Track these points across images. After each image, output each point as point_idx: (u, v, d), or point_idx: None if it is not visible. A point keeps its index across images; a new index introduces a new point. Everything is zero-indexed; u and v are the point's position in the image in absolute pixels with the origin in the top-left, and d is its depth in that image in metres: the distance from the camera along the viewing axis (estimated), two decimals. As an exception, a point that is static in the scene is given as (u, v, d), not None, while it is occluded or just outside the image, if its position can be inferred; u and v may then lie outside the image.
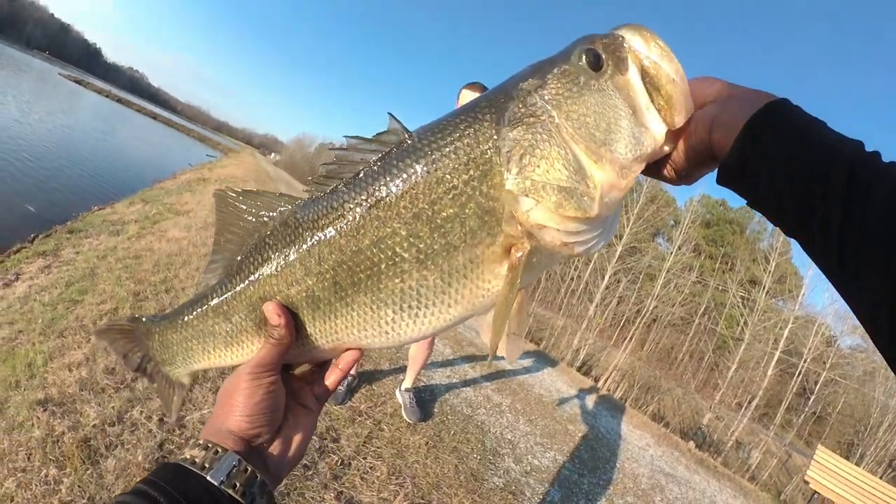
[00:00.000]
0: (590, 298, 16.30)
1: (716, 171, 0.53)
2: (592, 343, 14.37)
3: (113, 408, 2.43)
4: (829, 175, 0.42)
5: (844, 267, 0.42)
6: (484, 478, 3.33)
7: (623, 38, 0.53)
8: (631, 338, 14.70)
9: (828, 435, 18.83)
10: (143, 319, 0.74)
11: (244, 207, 0.66)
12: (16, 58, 64.28)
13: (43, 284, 3.88)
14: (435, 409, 3.95)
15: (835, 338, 16.33)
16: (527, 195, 0.51)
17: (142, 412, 2.45)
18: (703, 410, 14.91)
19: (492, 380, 5.56)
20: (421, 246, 0.55)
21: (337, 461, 2.70)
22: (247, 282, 0.64)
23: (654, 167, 0.57)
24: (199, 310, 0.68)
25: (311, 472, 2.53)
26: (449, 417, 3.96)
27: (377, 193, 0.56)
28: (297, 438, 0.64)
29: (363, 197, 0.57)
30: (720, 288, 21.80)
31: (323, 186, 0.61)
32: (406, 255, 0.55)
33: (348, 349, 0.65)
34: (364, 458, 2.87)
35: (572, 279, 19.44)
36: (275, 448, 0.61)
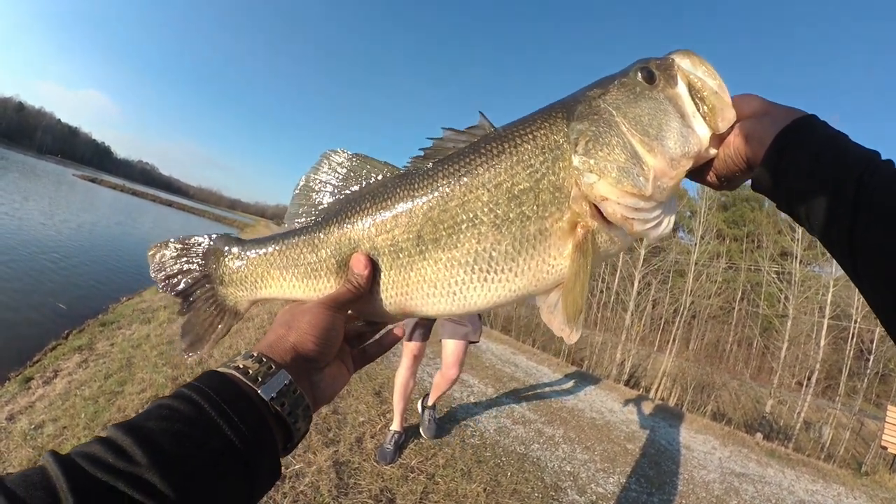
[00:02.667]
0: (623, 308, 15.91)
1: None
2: (635, 353, 13.94)
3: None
4: (842, 185, 0.48)
5: (856, 271, 0.48)
6: (550, 514, 3.15)
7: (673, 59, 0.64)
8: (674, 339, 14.20)
9: None
10: (225, 238, 0.77)
11: (351, 165, 0.74)
12: (30, 164, 68.23)
13: (82, 379, 3.94)
14: (487, 454, 3.80)
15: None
16: (591, 171, 0.61)
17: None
18: (763, 398, 14.17)
19: (540, 412, 5.38)
20: (499, 212, 0.63)
21: (396, 520, 2.60)
22: (342, 223, 0.71)
23: (699, 172, 0.65)
24: (289, 239, 0.74)
25: (372, 536, 2.42)
26: (503, 459, 3.80)
27: (467, 165, 0.65)
28: (335, 381, 0.65)
29: (454, 168, 0.66)
30: (752, 268, 21.12)
31: (420, 162, 0.71)
32: (485, 219, 0.64)
33: (409, 314, 0.71)
34: (423, 514, 2.75)
35: (602, 291, 19.06)
36: (321, 379, 0.62)
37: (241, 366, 0.52)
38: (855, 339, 14.29)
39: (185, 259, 0.77)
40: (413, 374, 3.43)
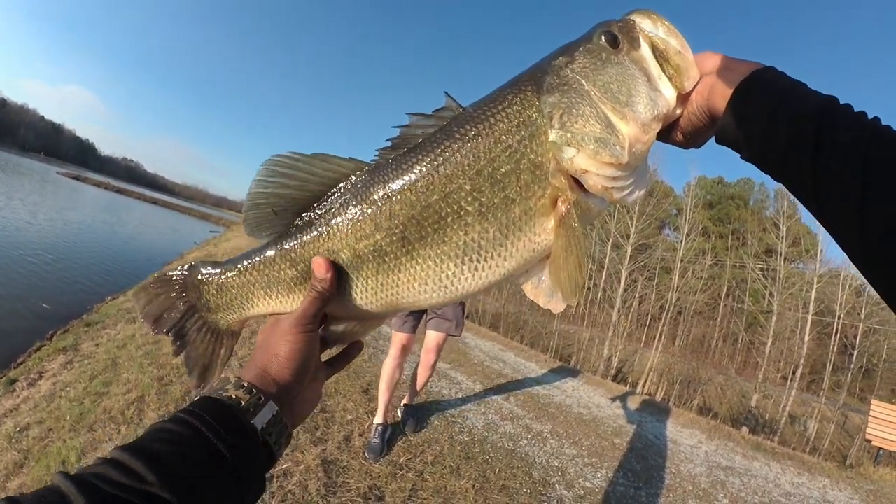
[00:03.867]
0: (610, 304, 16.08)
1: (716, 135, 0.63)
2: (622, 348, 14.07)
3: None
4: (802, 126, 0.50)
5: (819, 203, 0.50)
6: (538, 509, 3.19)
7: (634, 21, 0.63)
8: (660, 335, 14.40)
9: (879, 386, 18.08)
10: (199, 265, 0.76)
11: (307, 167, 0.68)
12: (14, 162, 66.86)
13: (67, 380, 3.89)
14: (476, 450, 3.83)
15: (863, 286, 15.72)
16: (569, 145, 0.61)
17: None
18: (749, 393, 14.41)
19: (528, 408, 5.42)
20: (483, 199, 0.62)
21: (385, 517, 2.61)
22: (318, 233, 0.68)
23: (665, 132, 0.66)
24: (267, 255, 0.71)
25: (361, 533, 2.44)
26: (491, 455, 3.83)
27: (444, 153, 0.63)
28: (310, 400, 0.67)
29: (431, 157, 0.64)
30: (738, 265, 21.45)
31: (389, 154, 0.68)
32: (470, 209, 0.62)
33: (401, 311, 0.71)
34: (412, 511, 2.77)
35: (588, 288, 19.20)
36: (297, 404, 0.64)
37: (234, 396, 0.55)
38: (839, 335, 14.59)
39: (166, 296, 0.76)
40: (400, 364, 3.47)
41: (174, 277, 0.76)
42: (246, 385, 0.57)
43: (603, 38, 0.63)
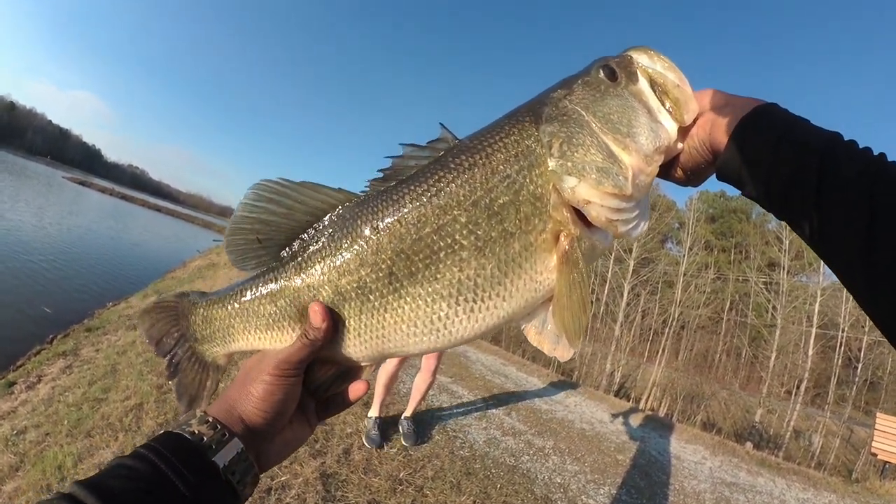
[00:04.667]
0: (613, 319, 15.98)
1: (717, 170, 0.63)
2: (625, 363, 13.97)
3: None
4: (805, 160, 0.50)
5: (824, 240, 0.50)
6: (540, 526, 3.13)
7: (631, 56, 0.63)
8: (663, 349, 14.30)
9: (885, 399, 17.83)
10: (190, 295, 0.75)
11: (295, 195, 0.65)
12: (20, 165, 67.53)
13: (66, 385, 3.87)
14: (477, 465, 3.77)
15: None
16: (570, 174, 0.58)
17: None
18: (753, 407, 14.27)
19: (530, 424, 5.35)
20: (479, 233, 0.58)
21: (384, 532, 2.56)
22: (299, 267, 0.64)
23: (665, 169, 0.65)
24: (247, 288, 0.68)
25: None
26: (493, 471, 3.77)
27: (437, 184, 0.60)
28: (289, 443, 0.64)
29: (424, 188, 0.60)
30: (741, 279, 21.34)
31: (379, 185, 0.64)
32: (465, 243, 0.58)
33: (389, 356, 0.65)
34: (412, 526, 2.72)
35: (591, 302, 19.09)
36: (271, 446, 0.61)
37: (197, 431, 0.53)
38: (843, 348, 14.46)
39: (163, 322, 0.75)
40: (400, 365, 3.49)
41: (171, 304, 0.75)
42: (210, 420, 0.55)
43: (601, 71, 0.63)
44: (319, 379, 0.66)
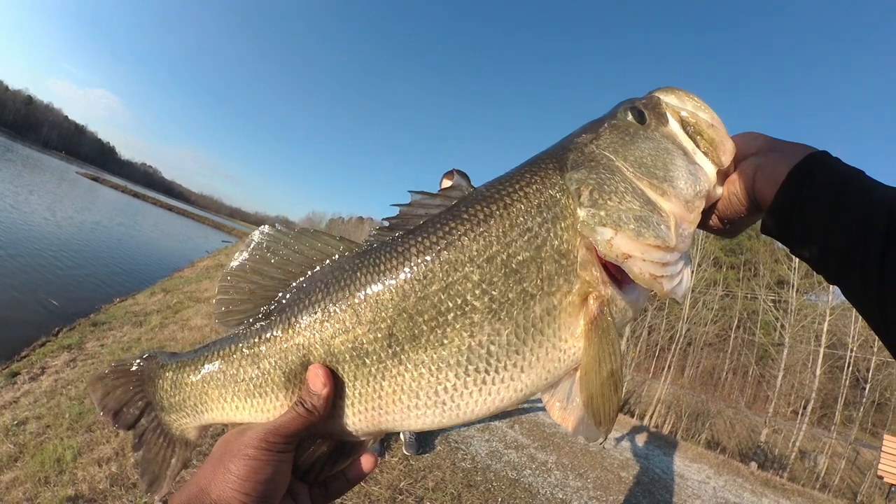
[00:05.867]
0: (619, 334, 15.90)
1: (759, 222, 0.57)
2: (630, 379, 13.83)
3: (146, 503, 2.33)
4: (871, 218, 0.44)
5: (883, 309, 0.44)
6: (541, 541, 3.07)
7: (658, 97, 0.59)
8: (669, 366, 14.12)
9: (892, 421, 17.44)
10: (158, 356, 0.66)
11: (296, 244, 0.59)
12: (34, 158, 68.51)
13: (69, 378, 3.87)
14: (478, 478, 3.73)
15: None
16: (604, 225, 0.51)
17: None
18: (758, 427, 14.01)
19: (533, 437, 5.30)
20: (494, 293, 0.51)
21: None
22: (287, 322, 0.56)
23: (702, 217, 0.59)
24: (225, 349, 0.60)
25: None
26: (494, 484, 3.72)
27: (447, 236, 0.53)
28: None
29: (432, 240, 0.53)
30: (749, 296, 21.07)
31: (384, 235, 0.58)
32: (478, 304, 0.51)
33: (388, 430, 0.56)
34: (411, 536, 2.67)
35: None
36: None
37: None
38: (851, 368, 14.19)
39: (124, 388, 0.66)
40: None
41: (133, 368, 0.66)
42: None
43: (629, 114, 0.58)
44: (310, 459, 0.57)
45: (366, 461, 0.60)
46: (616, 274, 0.53)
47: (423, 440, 3.93)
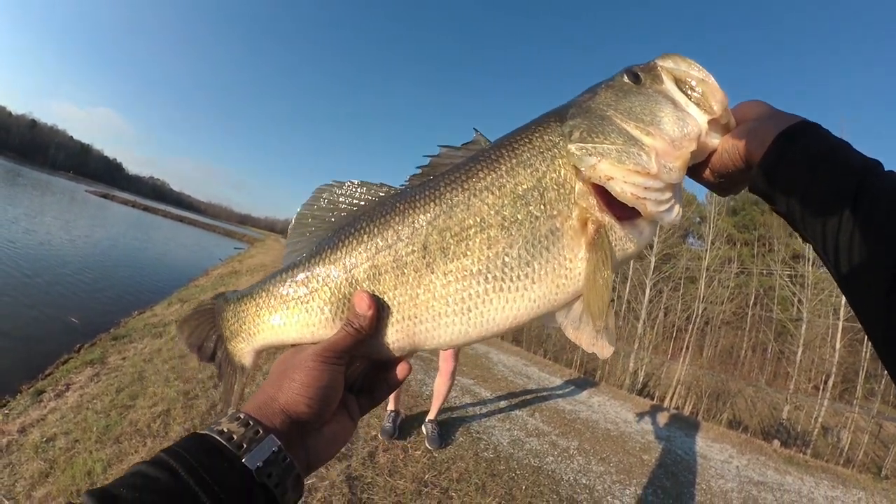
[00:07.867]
0: (635, 317, 15.69)
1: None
2: (648, 361, 13.73)
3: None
4: (843, 183, 0.49)
5: (850, 262, 0.48)
6: (567, 528, 3.09)
7: (656, 62, 0.64)
8: (687, 347, 13.96)
9: None
10: (225, 294, 0.76)
11: (346, 192, 0.71)
12: (44, 180, 69.59)
13: (94, 392, 3.95)
14: (501, 467, 3.75)
15: (894, 286, 15.14)
16: (590, 154, 0.60)
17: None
18: (779, 404, 13.85)
19: (554, 424, 5.30)
20: (506, 213, 0.62)
21: (410, 535, 2.55)
22: (335, 245, 0.67)
23: (695, 169, 0.65)
24: (277, 276, 0.70)
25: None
26: (517, 472, 3.74)
27: (467, 173, 0.65)
28: (336, 439, 0.60)
29: (456, 175, 0.65)
30: (765, 272, 20.79)
31: (417, 179, 0.70)
32: (493, 221, 0.62)
33: (419, 343, 0.65)
34: (438, 528, 2.70)
35: (612, 301, 18.84)
36: (317, 440, 0.57)
37: (226, 429, 0.48)
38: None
39: (202, 326, 0.76)
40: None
41: (208, 307, 0.76)
42: (242, 417, 0.50)
43: (626, 76, 0.65)
44: (356, 373, 0.66)
45: (401, 369, 0.68)
46: (619, 213, 0.60)
47: (445, 433, 3.96)
